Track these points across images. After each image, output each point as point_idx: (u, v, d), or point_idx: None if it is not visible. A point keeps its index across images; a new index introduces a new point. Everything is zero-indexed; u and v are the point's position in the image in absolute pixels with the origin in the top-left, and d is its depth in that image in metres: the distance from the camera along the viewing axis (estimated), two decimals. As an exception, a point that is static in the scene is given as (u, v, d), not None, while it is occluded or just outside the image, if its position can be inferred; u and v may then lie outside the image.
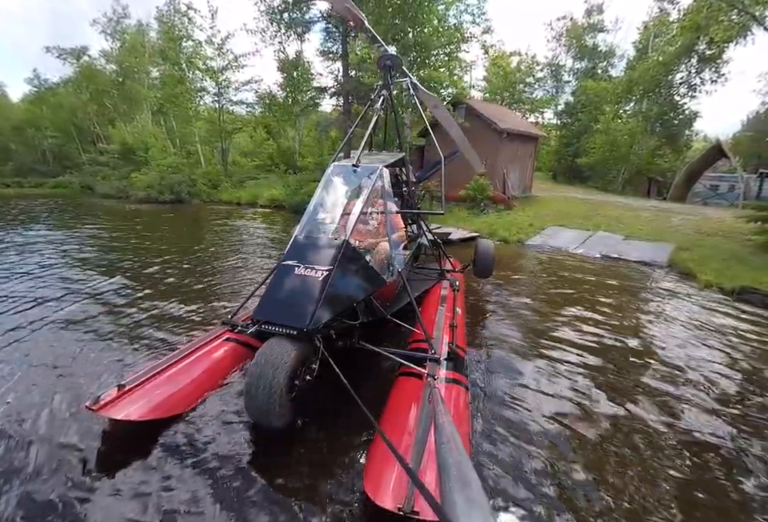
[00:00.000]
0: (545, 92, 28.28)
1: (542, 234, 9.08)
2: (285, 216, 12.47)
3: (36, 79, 27.36)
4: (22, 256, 6.32)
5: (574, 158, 23.83)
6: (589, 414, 2.60)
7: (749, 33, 10.44)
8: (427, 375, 2.30)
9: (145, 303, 4.28)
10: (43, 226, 9.71)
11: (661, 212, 12.22)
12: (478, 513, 1.02)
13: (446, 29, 12.77)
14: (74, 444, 2.11)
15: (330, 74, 14.76)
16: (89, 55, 23.95)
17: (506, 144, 13.02)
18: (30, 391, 2.58)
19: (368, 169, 2.98)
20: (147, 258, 6.36)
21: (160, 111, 21.58)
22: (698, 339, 3.89)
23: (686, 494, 1.99)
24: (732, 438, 2.42)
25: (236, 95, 20.30)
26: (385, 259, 2.85)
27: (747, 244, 7.91)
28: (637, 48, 22.53)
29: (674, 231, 9.40)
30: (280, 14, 14.90)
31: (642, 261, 7.09)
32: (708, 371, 3.24)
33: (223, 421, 2.30)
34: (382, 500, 1.57)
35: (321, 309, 2.12)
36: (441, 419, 1.59)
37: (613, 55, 26.35)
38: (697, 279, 5.97)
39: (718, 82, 18.75)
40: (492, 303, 4.69)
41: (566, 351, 3.50)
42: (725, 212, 12.24)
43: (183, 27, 18.99)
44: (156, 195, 16.00)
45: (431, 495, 1.11)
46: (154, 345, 3.28)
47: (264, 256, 6.82)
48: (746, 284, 5.39)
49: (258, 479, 1.94)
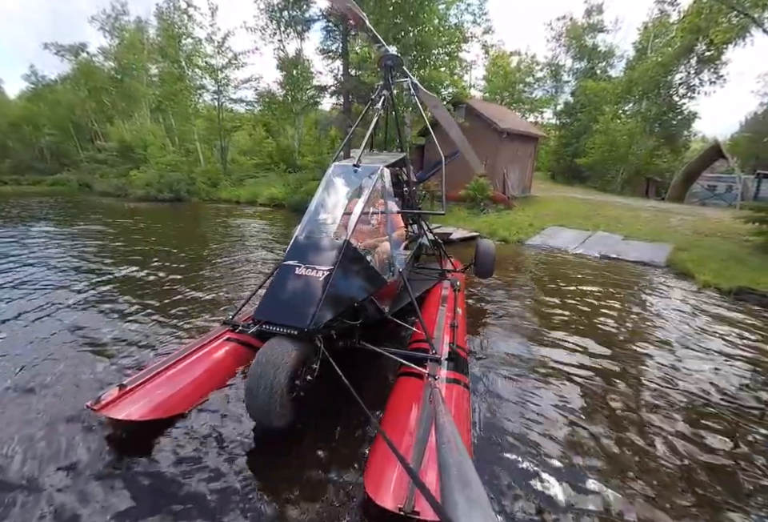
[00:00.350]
0: (544, 92, 28.34)
1: (542, 234, 9.10)
2: (284, 215, 12.46)
3: (33, 76, 27.24)
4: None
5: (573, 159, 23.88)
6: (589, 412, 2.62)
7: (748, 34, 10.50)
8: (428, 375, 2.31)
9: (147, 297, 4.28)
10: (44, 223, 9.67)
11: (659, 212, 12.27)
12: (478, 513, 1.02)
13: (446, 28, 12.77)
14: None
15: (330, 72, 14.76)
16: (87, 52, 23.83)
17: (506, 144, 13.03)
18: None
19: (369, 169, 2.98)
20: (148, 256, 6.35)
21: (158, 109, 21.51)
22: (695, 339, 3.92)
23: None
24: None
25: (235, 93, 20.28)
26: (386, 259, 2.86)
27: (745, 245, 7.96)
28: (636, 48, 22.58)
29: (672, 232, 9.44)
30: (280, 11, 14.88)
31: (640, 261, 7.12)
32: (704, 371, 3.26)
33: (224, 421, 2.30)
34: (383, 500, 1.57)
35: (322, 309, 2.12)
36: (441, 419, 1.60)
37: (612, 55, 26.39)
38: (695, 280, 6.01)
39: (716, 83, 18.83)
40: (492, 303, 4.70)
41: (565, 350, 3.51)
42: (723, 213, 12.30)
43: (183, 25, 18.92)
44: (155, 193, 15.96)
45: (432, 496, 1.11)
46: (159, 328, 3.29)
47: (264, 254, 6.82)
48: (744, 284, 5.43)
49: (259, 479, 1.94)
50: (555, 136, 26.56)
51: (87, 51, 23.77)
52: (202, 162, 19.83)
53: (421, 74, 12.11)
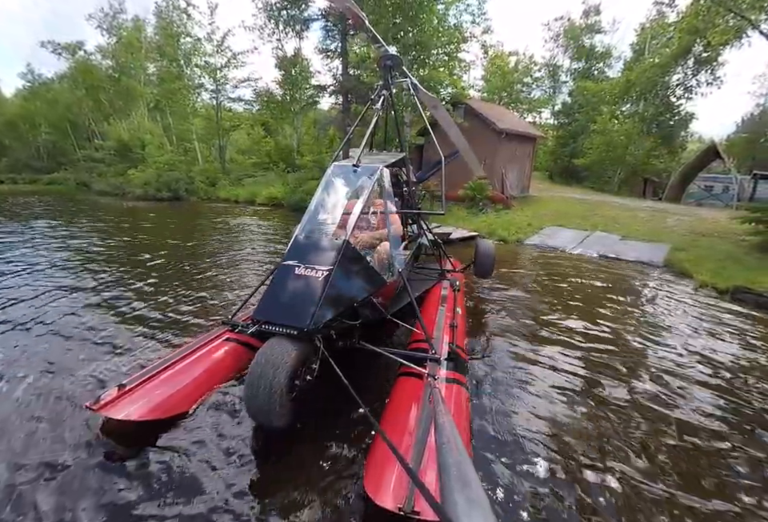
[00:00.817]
0: (542, 92, 28.43)
1: (541, 233, 9.13)
2: (284, 214, 12.44)
3: (30, 74, 27.06)
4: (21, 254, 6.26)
5: (570, 159, 23.97)
6: (590, 411, 2.63)
7: (744, 35, 10.57)
8: (427, 375, 2.31)
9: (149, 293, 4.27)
10: (42, 221, 9.62)
11: (657, 212, 12.34)
12: (478, 513, 1.02)
13: (445, 29, 12.78)
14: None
15: (329, 72, 14.74)
16: (85, 51, 23.69)
17: (505, 144, 13.07)
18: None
19: (368, 169, 2.98)
20: (150, 254, 6.33)
21: (156, 108, 21.42)
22: (693, 337, 3.95)
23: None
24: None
25: (234, 92, 20.24)
26: (385, 259, 2.85)
27: (742, 245, 8.01)
28: (634, 49, 22.70)
29: (669, 232, 9.49)
30: (278, 11, 14.83)
31: (639, 261, 7.16)
32: (700, 367, 3.29)
33: (223, 421, 2.29)
34: (383, 500, 1.57)
35: (321, 309, 2.13)
36: (441, 418, 1.60)
37: (610, 56, 26.51)
38: (693, 279, 6.05)
39: (713, 85, 18.96)
40: (492, 303, 4.71)
41: (566, 349, 3.53)
42: (719, 213, 12.37)
43: (182, 24, 18.86)
44: (153, 193, 15.91)
45: (431, 495, 1.11)
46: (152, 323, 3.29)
47: (264, 254, 6.80)
48: (741, 284, 5.46)
49: (258, 479, 1.94)
50: (553, 136, 26.67)
51: (85, 50, 23.65)
52: (200, 162, 19.77)
53: (420, 74, 12.12)
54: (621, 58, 25.61)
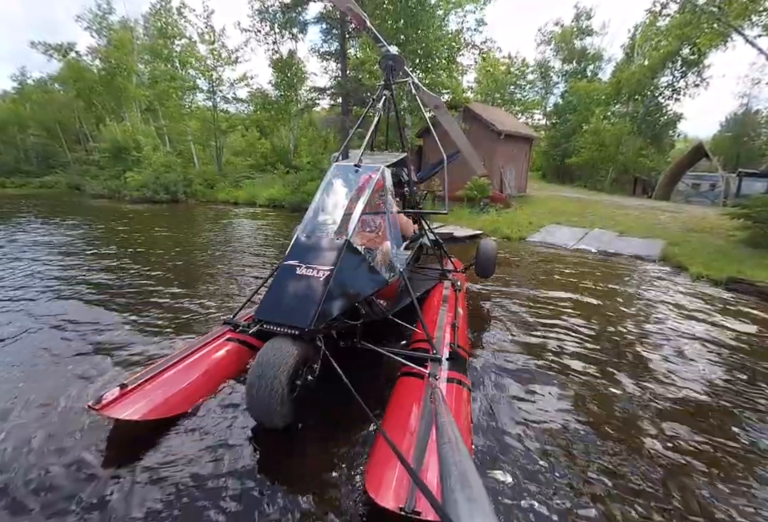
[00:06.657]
0: (534, 93, 28.95)
1: (541, 231, 9.43)
2: (285, 215, 12.52)
3: (21, 76, 26.55)
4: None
5: (563, 158, 24.49)
6: (591, 411, 2.62)
7: (729, 39, 11.08)
8: (429, 375, 2.31)
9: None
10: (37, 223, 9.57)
11: (648, 210, 12.77)
12: (479, 513, 1.01)
13: (446, 34, 13.02)
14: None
15: (326, 74, 14.84)
16: (76, 51, 23.35)
17: (503, 145, 13.39)
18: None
19: (370, 169, 2.94)
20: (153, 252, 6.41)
21: (149, 109, 21.23)
22: (691, 326, 4.21)
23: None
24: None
25: (229, 93, 20.17)
26: (386, 259, 2.82)
27: (730, 239, 8.43)
28: (625, 52, 23.31)
29: (662, 228, 9.88)
30: (274, 14, 14.86)
31: (636, 256, 7.50)
32: (699, 353, 3.54)
33: (224, 421, 2.29)
34: (384, 500, 1.57)
35: (322, 309, 2.13)
36: (442, 418, 1.59)
37: (600, 58, 27.15)
38: (688, 272, 6.42)
39: (700, 86, 19.62)
40: (494, 302, 4.68)
41: (569, 345, 3.54)
42: (708, 210, 12.87)
43: (175, 25, 18.76)
44: (151, 195, 15.81)
45: (432, 495, 1.12)
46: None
47: (264, 254, 6.89)
48: (732, 275, 5.87)
49: (259, 479, 1.93)
50: (545, 136, 27.18)
51: (76, 51, 23.31)
52: (196, 164, 19.67)
53: (426, 83, 12.30)
54: (611, 60, 26.29)
